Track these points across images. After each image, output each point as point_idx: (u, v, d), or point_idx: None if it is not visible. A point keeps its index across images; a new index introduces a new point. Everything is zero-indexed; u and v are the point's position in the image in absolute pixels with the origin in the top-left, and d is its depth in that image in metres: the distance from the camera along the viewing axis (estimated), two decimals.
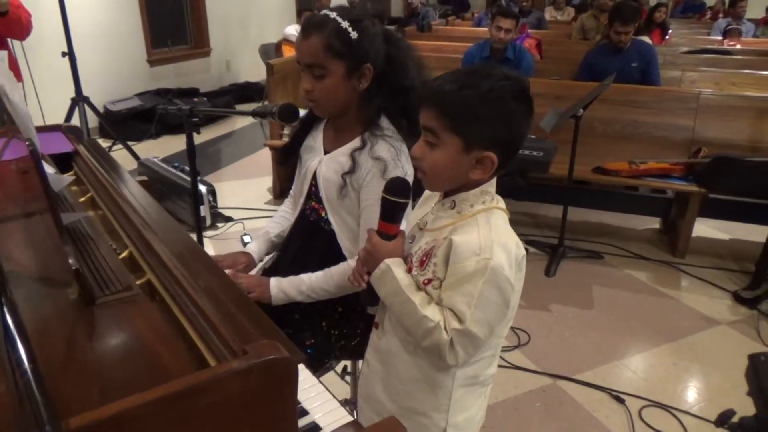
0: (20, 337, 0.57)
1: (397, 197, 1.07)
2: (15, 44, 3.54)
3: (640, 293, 3.00)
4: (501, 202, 1.07)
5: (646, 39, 4.87)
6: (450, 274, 1.00)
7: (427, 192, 1.19)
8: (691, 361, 2.45)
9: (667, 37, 6.86)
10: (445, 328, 0.99)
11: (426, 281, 1.04)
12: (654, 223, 3.82)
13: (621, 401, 2.18)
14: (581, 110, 2.93)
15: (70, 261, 0.82)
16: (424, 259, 1.05)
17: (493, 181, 1.06)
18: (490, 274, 0.96)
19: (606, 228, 3.77)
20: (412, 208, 1.24)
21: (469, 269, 0.97)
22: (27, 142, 0.78)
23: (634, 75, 3.86)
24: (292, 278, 1.46)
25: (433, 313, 1.00)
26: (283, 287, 1.44)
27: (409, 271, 1.07)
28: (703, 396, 2.25)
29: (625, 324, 2.72)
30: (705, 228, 3.66)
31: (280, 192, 4.10)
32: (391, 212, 1.08)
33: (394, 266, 1.05)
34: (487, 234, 0.99)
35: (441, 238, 1.03)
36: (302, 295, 1.44)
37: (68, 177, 1.43)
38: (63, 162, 1.63)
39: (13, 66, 2.62)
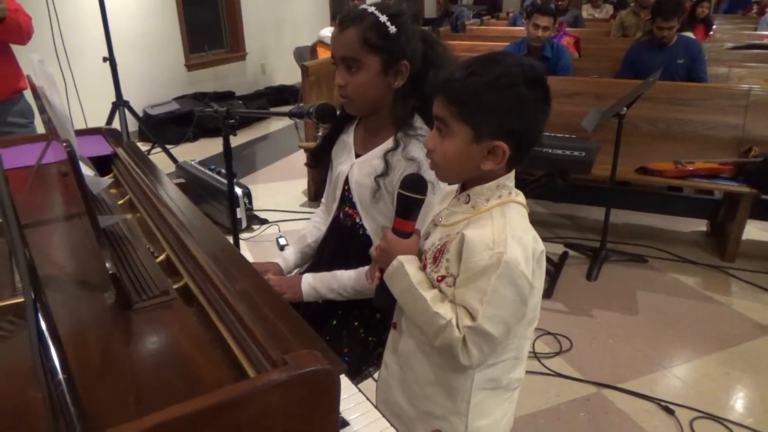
0: (55, 346, 0.55)
1: (413, 193, 1.04)
2: (59, 49, 3.63)
3: (688, 299, 2.87)
4: (520, 196, 1.02)
5: (690, 35, 4.70)
6: (463, 270, 0.96)
7: (447, 189, 1.15)
8: (743, 371, 2.33)
9: (711, 32, 6.62)
10: (458, 326, 0.95)
11: (440, 278, 1.01)
12: (700, 225, 3.67)
13: (670, 412, 2.08)
14: (624, 108, 2.83)
15: (108, 265, 0.80)
16: (438, 255, 1.02)
17: (511, 174, 1.02)
18: (503, 268, 0.92)
19: (650, 230, 3.64)
20: None
21: (481, 264, 0.93)
22: (65, 144, 0.77)
23: (680, 72, 3.72)
24: (324, 275, 1.43)
25: (444, 310, 0.97)
26: (314, 284, 1.42)
27: (424, 268, 1.04)
28: (758, 408, 2.13)
29: (671, 331, 2.60)
30: (756, 230, 3.49)
31: (315, 194, 4.09)
32: (407, 209, 1.06)
33: (407, 263, 1.02)
34: (501, 227, 0.95)
35: (454, 233, 1.00)
36: (333, 293, 1.42)
37: (107, 179, 1.43)
38: (103, 165, 1.64)
39: (15, 68, 2.61)
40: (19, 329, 0.86)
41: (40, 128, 2.71)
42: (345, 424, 0.93)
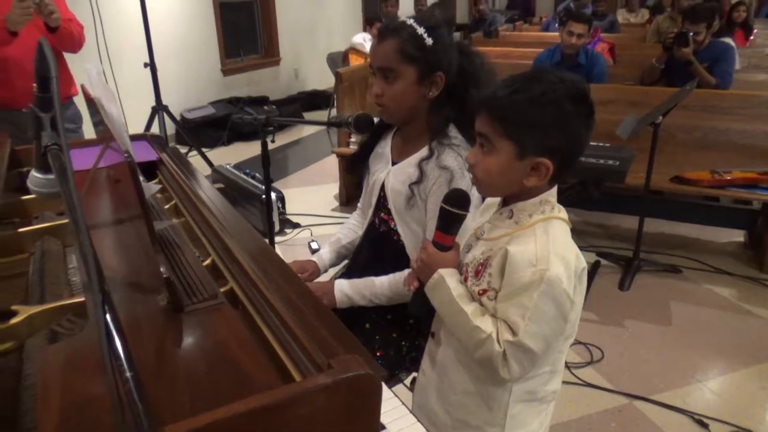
0: (122, 343, 0.59)
1: (456, 208, 1.07)
2: (102, 56, 3.76)
3: (724, 311, 2.83)
4: (563, 212, 1.04)
5: (729, 41, 4.61)
6: (505, 285, 0.98)
7: (487, 201, 1.17)
8: None
9: (751, 37, 6.47)
10: (498, 340, 0.97)
11: (481, 291, 1.02)
12: (737, 236, 3.60)
13: (704, 426, 2.06)
14: (660, 117, 2.81)
15: (162, 269, 0.85)
16: (480, 269, 1.03)
17: (554, 190, 1.03)
18: (545, 286, 0.93)
19: (684, 240, 3.58)
20: None
21: (524, 280, 0.95)
22: (125, 154, 0.81)
23: None
24: (356, 281, 1.47)
25: (485, 324, 0.98)
26: (346, 291, 1.45)
27: (465, 280, 1.06)
28: None
29: (706, 343, 2.57)
30: None
31: (347, 199, 4.14)
32: (449, 223, 1.08)
33: (448, 276, 1.05)
34: (544, 244, 0.96)
35: (497, 248, 1.01)
36: (365, 300, 1.46)
37: (156, 185, 1.49)
38: (147, 170, 1.71)
39: (67, 75, 2.72)
40: (79, 327, 0.91)
41: (87, 134, 2.82)
42: (381, 427, 0.96)
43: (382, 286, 1.44)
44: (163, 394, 0.71)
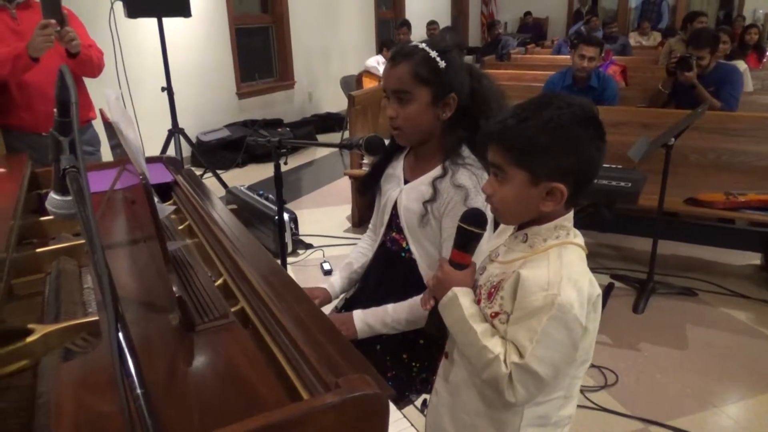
0: (133, 361, 0.60)
1: (473, 227, 1.07)
2: (121, 80, 3.85)
3: (741, 335, 2.78)
4: (578, 238, 1.03)
5: (741, 63, 4.61)
6: (516, 308, 0.98)
7: (502, 226, 1.18)
8: None
9: (764, 59, 6.46)
10: (505, 362, 0.96)
11: (493, 314, 1.02)
12: (754, 258, 3.55)
13: None
14: (672, 139, 2.80)
15: (174, 289, 0.86)
16: (492, 291, 1.04)
17: (570, 215, 1.04)
18: (556, 310, 0.93)
19: (699, 263, 3.54)
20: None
21: (535, 304, 0.95)
22: (141, 177, 0.84)
23: None
24: (375, 310, 1.46)
25: (494, 344, 0.98)
26: (367, 321, 1.44)
27: (478, 302, 1.06)
28: None
29: (723, 367, 2.52)
30: None
31: (359, 220, 4.16)
32: (466, 242, 1.09)
33: (461, 295, 1.05)
34: (557, 269, 0.96)
35: (510, 272, 1.01)
36: (387, 327, 1.44)
37: (170, 206, 1.52)
38: (162, 191, 1.74)
39: (86, 99, 2.78)
40: (92, 346, 0.93)
41: (105, 156, 2.88)
42: None
43: (403, 310, 1.43)
44: (174, 412, 0.73)
